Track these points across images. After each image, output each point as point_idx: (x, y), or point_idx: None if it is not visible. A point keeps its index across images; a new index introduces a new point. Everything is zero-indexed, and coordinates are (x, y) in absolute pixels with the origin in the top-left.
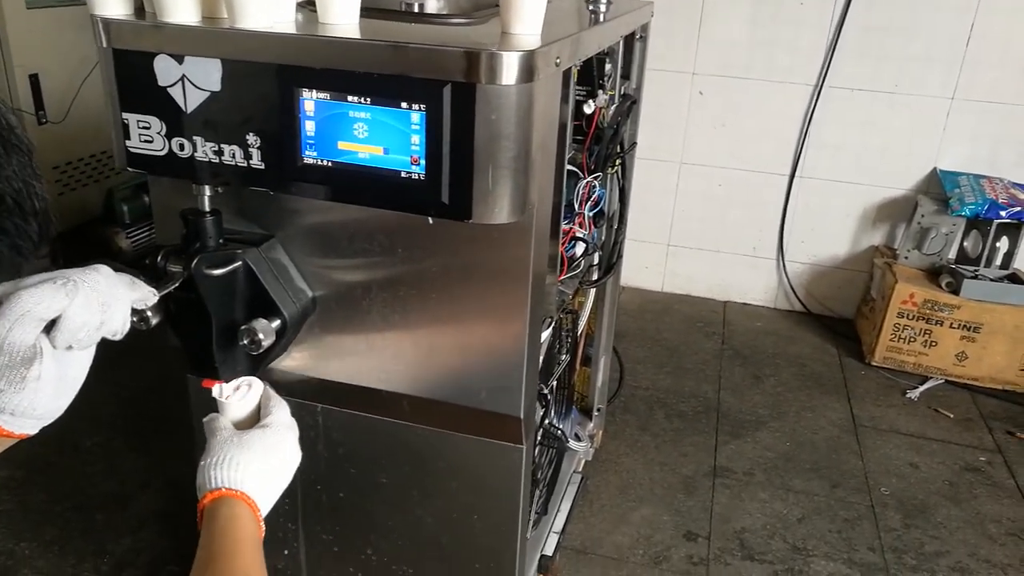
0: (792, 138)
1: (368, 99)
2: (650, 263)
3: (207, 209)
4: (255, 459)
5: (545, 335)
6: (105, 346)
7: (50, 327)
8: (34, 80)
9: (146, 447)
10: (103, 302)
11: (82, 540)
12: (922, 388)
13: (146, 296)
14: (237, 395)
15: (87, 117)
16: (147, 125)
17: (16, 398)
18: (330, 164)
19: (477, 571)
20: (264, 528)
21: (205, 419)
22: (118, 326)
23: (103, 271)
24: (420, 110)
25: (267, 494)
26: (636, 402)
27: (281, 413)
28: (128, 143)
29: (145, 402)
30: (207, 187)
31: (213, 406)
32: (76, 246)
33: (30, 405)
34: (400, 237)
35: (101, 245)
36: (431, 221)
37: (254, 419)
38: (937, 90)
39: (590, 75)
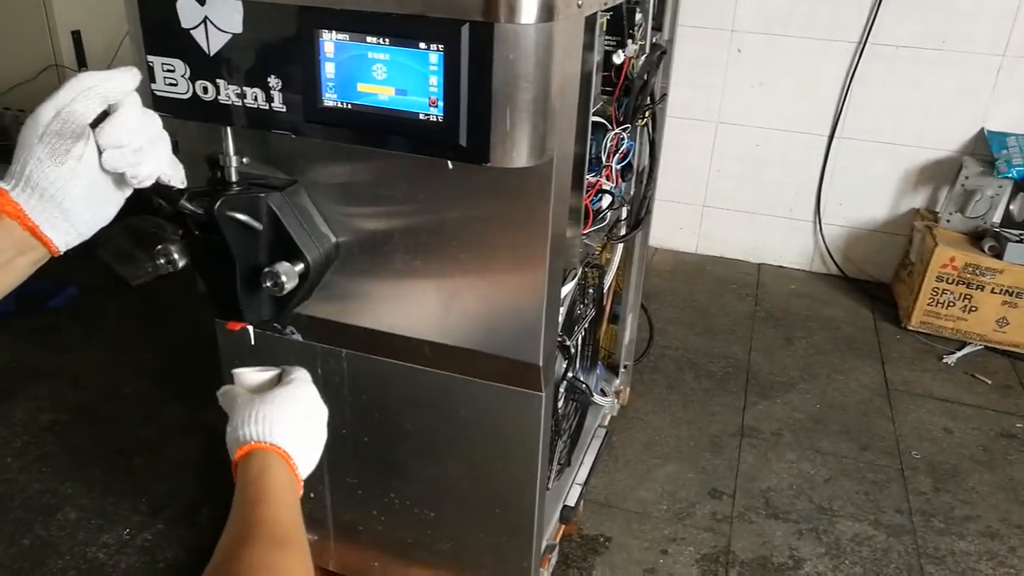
0: (832, 97)
1: (386, 39)
2: (684, 224)
3: (231, 152)
4: (282, 412)
5: (568, 287)
6: (150, 298)
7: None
8: (76, 37)
9: (184, 395)
10: (152, 133)
11: (122, 482)
12: (960, 353)
13: (178, 177)
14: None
15: None
16: (171, 68)
17: (52, 173)
18: (350, 106)
19: (497, 516)
20: (302, 484)
21: (220, 391)
22: (152, 168)
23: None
24: (438, 50)
25: (300, 447)
26: (665, 361)
27: (300, 371)
28: (153, 86)
29: (186, 352)
30: (231, 130)
31: (241, 352)
32: None
33: (62, 188)
34: (421, 183)
35: (141, 201)
36: (451, 166)
37: (272, 386)
38: (986, 47)
39: (620, 25)
